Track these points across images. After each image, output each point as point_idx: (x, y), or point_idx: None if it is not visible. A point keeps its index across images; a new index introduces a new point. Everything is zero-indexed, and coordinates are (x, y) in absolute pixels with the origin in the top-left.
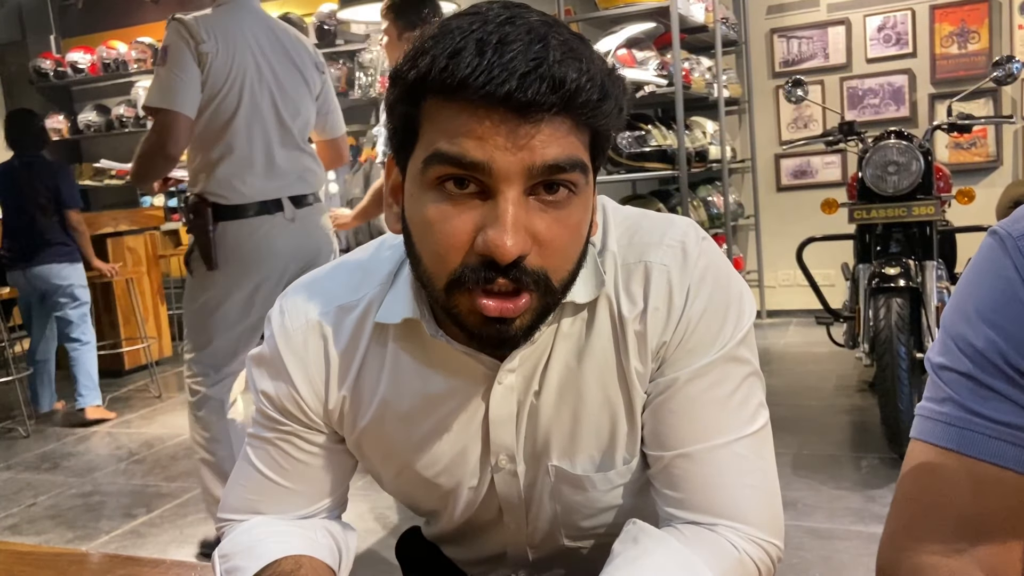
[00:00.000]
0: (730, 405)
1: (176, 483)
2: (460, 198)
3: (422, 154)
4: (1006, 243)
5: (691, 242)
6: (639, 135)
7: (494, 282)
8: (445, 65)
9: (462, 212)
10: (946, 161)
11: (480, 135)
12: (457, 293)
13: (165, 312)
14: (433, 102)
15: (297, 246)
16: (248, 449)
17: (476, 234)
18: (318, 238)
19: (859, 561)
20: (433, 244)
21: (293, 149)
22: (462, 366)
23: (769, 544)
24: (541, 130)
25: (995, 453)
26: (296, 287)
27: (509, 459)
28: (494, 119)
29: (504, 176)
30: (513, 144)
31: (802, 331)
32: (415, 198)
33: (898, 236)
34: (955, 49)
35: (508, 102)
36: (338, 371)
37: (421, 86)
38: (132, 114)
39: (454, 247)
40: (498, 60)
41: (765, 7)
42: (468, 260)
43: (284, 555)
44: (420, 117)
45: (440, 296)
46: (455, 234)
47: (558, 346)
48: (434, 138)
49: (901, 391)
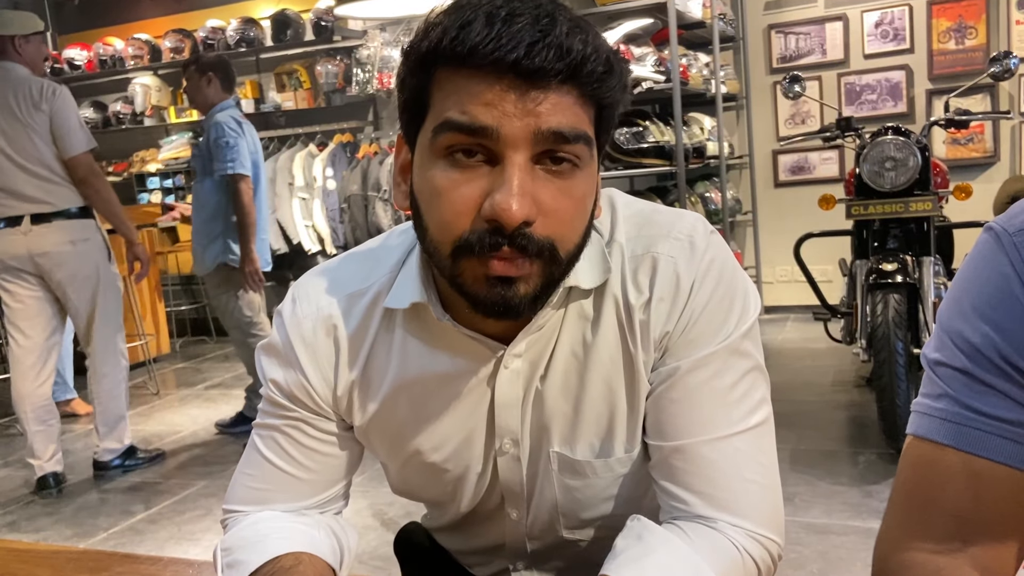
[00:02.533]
0: (730, 398)
1: (174, 480)
2: (468, 166)
3: (432, 124)
4: (1002, 239)
5: (699, 236)
6: (637, 131)
7: (500, 248)
8: (456, 35)
9: (470, 180)
10: (943, 157)
11: (488, 101)
12: (463, 260)
13: (163, 309)
14: (443, 72)
15: (29, 253)
16: (255, 439)
17: (482, 200)
18: (49, 247)
19: (856, 556)
20: (440, 211)
21: (33, 178)
22: (469, 350)
23: (769, 541)
24: (548, 97)
25: (991, 448)
26: (307, 277)
27: (513, 443)
28: (503, 85)
29: (511, 141)
30: (521, 109)
31: (800, 327)
32: (424, 168)
33: (895, 232)
34: (952, 45)
35: (516, 68)
36: (347, 358)
37: (432, 56)
38: (129, 111)
39: (461, 212)
40: (506, 29)
41: (763, 3)
42: (475, 226)
43: (285, 551)
44: (431, 88)
45: (446, 265)
46: (462, 200)
47: (564, 333)
48: (444, 107)
49: (898, 386)
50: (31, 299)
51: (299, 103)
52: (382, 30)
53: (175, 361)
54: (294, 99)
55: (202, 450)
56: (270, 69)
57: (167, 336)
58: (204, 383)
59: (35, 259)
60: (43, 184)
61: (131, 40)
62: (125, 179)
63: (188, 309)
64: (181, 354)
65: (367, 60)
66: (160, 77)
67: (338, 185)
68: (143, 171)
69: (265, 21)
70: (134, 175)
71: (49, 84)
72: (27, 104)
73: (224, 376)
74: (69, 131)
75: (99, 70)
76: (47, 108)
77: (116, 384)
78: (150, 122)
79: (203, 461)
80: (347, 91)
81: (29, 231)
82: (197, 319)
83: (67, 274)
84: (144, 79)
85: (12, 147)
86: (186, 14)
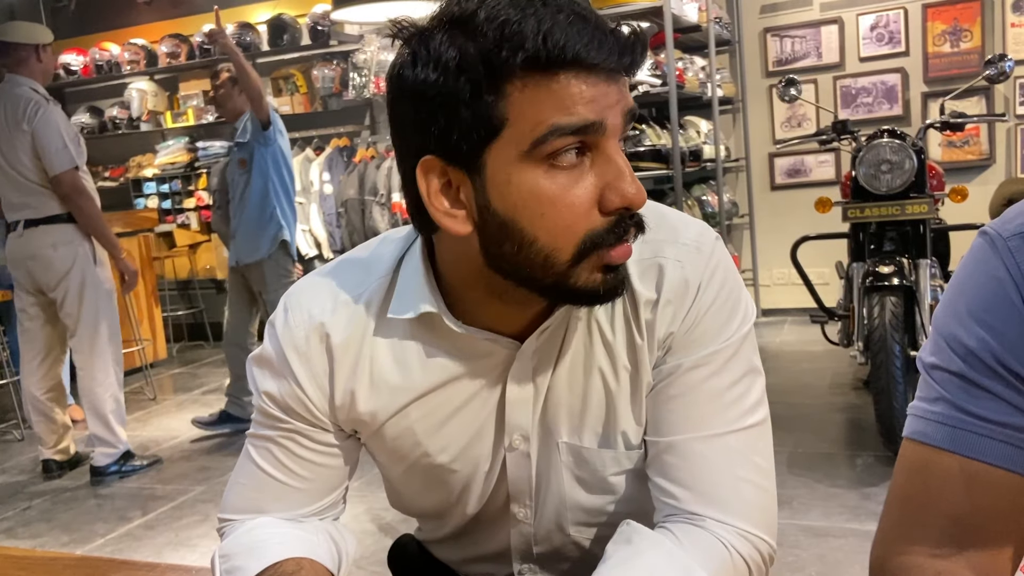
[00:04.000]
0: (727, 397)
1: (171, 486)
2: (573, 166)
3: (528, 135)
4: (996, 244)
5: (705, 242)
6: (633, 135)
7: (629, 231)
8: (543, 41)
9: (578, 179)
10: (939, 159)
11: (591, 97)
12: (584, 261)
13: (160, 314)
14: (525, 82)
15: (23, 255)
16: (250, 449)
17: (597, 194)
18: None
19: (854, 559)
20: (557, 217)
21: (19, 187)
22: (481, 351)
23: (759, 540)
24: (622, 82)
25: (987, 452)
26: (299, 286)
27: (523, 439)
28: (597, 78)
29: (613, 130)
30: (616, 99)
31: (797, 330)
32: (516, 184)
33: (892, 234)
34: (948, 47)
35: (607, 62)
36: (343, 367)
37: (507, 70)
38: (125, 116)
39: (581, 213)
40: (584, 27)
41: (758, 6)
42: (595, 222)
43: (286, 557)
44: (504, 102)
45: (562, 269)
46: (580, 200)
47: (573, 328)
48: (541, 115)
49: (895, 389)
50: (33, 307)
51: (296, 107)
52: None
53: (172, 366)
54: (291, 103)
55: (199, 455)
56: (267, 74)
57: (164, 341)
58: (201, 388)
59: (27, 262)
60: (31, 193)
61: (127, 45)
62: (122, 184)
63: (185, 314)
64: (178, 359)
65: (364, 64)
66: (156, 82)
67: (335, 189)
68: (139, 176)
69: (261, 26)
70: (130, 180)
71: (35, 104)
72: (12, 120)
73: (221, 381)
74: (51, 151)
75: (95, 75)
76: (28, 128)
77: (107, 388)
78: (146, 127)
79: (200, 466)
80: (344, 95)
81: (22, 235)
82: (194, 324)
83: (53, 276)
84: (140, 84)
85: (5, 158)
86: (182, 19)
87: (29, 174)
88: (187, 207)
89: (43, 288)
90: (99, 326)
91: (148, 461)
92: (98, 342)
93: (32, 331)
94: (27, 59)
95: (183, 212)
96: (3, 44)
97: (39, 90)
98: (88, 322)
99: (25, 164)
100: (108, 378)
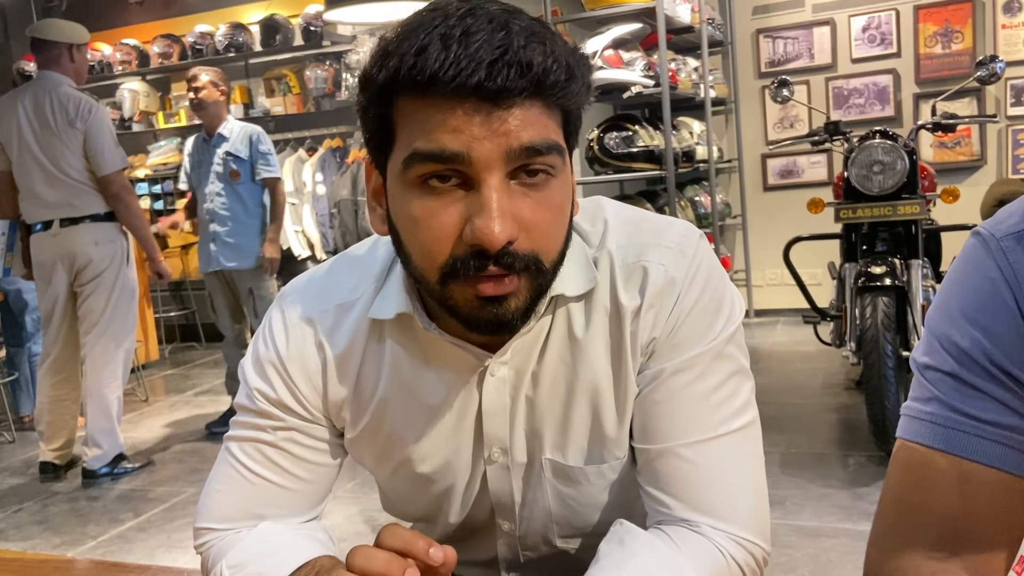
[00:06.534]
0: (713, 400)
1: (163, 488)
2: (443, 192)
3: (401, 154)
4: (989, 244)
5: (689, 244)
6: (626, 136)
7: (486, 269)
8: (413, 63)
9: (447, 206)
10: (931, 160)
11: (455, 127)
12: (452, 284)
13: (152, 315)
14: (405, 101)
15: (58, 254)
16: (234, 451)
17: (463, 225)
18: (76, 248)
19: (847, 559)
20: (421, 240)
21: (59, 185)
22: (455, 359)
23: (753, 545)
24: (513, 114)
25: (980, 452)
26: (294, 286)
27: (502, 452)
28: (467, 109)
29: (484, 164)
30: (488, 131)
31: (789, 330)
32: (399, 198)
33: (884, 235)
34: (939, 49)
35: (479, 91)
36: (337, 368)
37: (392, 86)
38: (117, 116)
39: (443, 240)
40: (464, 52)
41: (751, 8)
42: (457, 251)
43: (317, 555)
44: (394, 117)
45: (435, 290)
46: (442, 228)
47: (552, 340)
48: (411, 137)
49: (888, 389)
50: (59, 306)
51: (288, 108)
52: (371, 35)
53: (164, 367)
54: (283, 104)
55: (192, 457)
56: (259, 74)
57: (156, 342)
58: (193, 389)
59: (63, 260)
60: (73, 192)
61: (119, 45)
62: None
63: (177, 315)
64: (170, 360)
65: (356, 65)
66: (148, 82)
67: (328, 190)
68: (131, 177)
69: (254, 26)
70: None
71: (87, 102)
72: (63, 119)
73: (214, 382)
74: (103, 151)
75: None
76: (81, 127)
77: (114, 390)
78: (138, 128)
79: (193, 468)
80: (336, 96)
81: (58, 233)
82: (186, 325)
83: (91, 272)
84: (132, 84)
85: (46, 156)
86: (174, 19)
87: (75, 173)
88: (179, 208)
89: (75, 284)
90: (117, 325)
91: (140, 464)
92: (113, 341)
93: (55, 331)
94: (59, 58)
95: (175, 213)
96: (38, 41)
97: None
98: (108, 320)
99: (71, 163)
100: (116, 379)
